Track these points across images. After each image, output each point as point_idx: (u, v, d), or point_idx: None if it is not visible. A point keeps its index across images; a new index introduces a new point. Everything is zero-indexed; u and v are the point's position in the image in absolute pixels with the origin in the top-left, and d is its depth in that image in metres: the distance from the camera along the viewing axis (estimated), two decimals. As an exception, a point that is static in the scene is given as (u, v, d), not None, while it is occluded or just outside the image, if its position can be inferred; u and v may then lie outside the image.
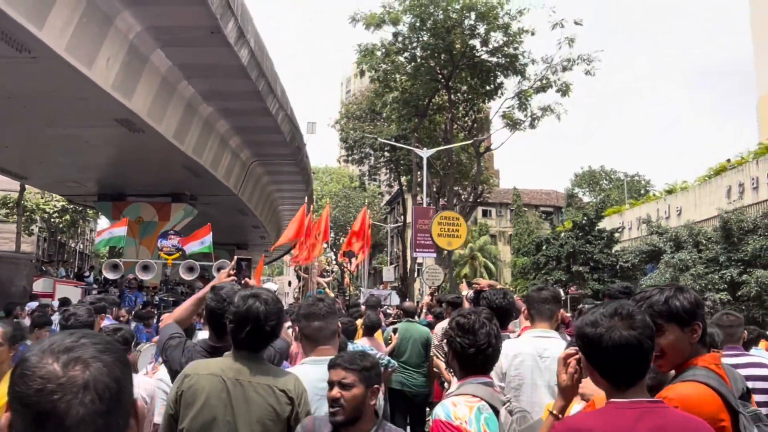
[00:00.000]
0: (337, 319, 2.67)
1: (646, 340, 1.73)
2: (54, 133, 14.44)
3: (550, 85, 23.57)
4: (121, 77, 12.20)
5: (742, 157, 23.89)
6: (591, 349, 1.76)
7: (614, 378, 1.74)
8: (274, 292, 2.56)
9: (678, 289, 2.02)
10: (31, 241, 39.27)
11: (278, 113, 18.06)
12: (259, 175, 24.76)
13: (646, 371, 1.76)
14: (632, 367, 1.73)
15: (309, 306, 2.64)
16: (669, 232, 21.83)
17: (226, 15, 12.03)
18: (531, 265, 29.53)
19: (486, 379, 2.28)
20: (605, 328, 1.72)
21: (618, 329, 1.72)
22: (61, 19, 9.95)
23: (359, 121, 32.33)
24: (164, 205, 21.68)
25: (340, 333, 2.70)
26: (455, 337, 2.32)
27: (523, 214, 48.90)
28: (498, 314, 3.18)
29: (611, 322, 1.73)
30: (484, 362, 2.30)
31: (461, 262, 43.30)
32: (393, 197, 49.62)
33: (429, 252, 16.32)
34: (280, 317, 2.38)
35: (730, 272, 18.15)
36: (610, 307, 1.78)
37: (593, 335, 1.74)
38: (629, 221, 30.64)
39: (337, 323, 2.66)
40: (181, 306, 2.94)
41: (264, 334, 2.32)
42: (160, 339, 2.72)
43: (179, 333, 2.69)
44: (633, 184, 52.53)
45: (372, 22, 22.03)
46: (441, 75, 24.00)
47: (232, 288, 2.63)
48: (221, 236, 31.88)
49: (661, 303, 1.99)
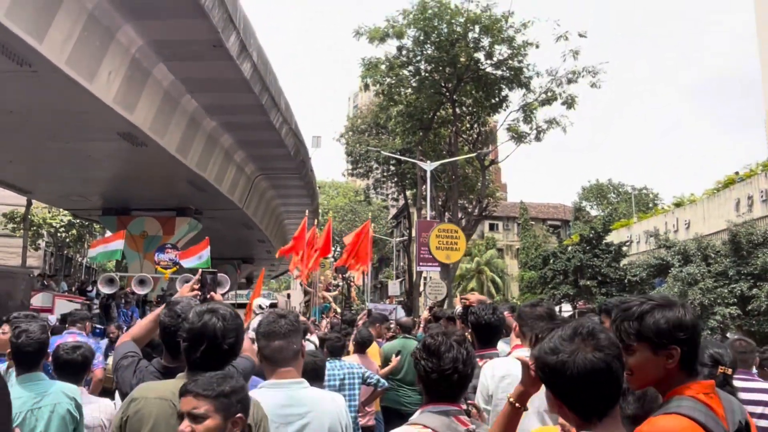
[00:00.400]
0: (300, 337, 2.45)
1: (613, 360, 1.54)
2: (57, 147, 14.46)
3: (555, 98, 23.47)
4: (123, 91, 12.19)
5: (751, 170, 23.61)
6: (555, 379, 1.57)
7: (584, 410, 1.55)
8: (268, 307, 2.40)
9: (662, 305, 1.76)
10: (38, 256, 39.37)
11: (282, 127, 18.04)
12: (264, 189, 24.75)
13: (617, 398, 1.58)
14: (602, 395, 1.54)
15: (269, 323, 2.40)
16: (677, 245, 21.54)
17: (227, 29, 12.03)
18: (538, 279, 29.24)
19: (447, 408, 2.09)
20: (567, 354, 1.53)
21: (581, 353, 1.53)
22: (62, 32, 9.96)
23: (364, 134, 32.34)
24: (169, 219, 21.65)
25: (304, 353, 2.46)
26: (420, 360, 2.16)
27: (531, 227, 48.61)
28: (486, 331, 3.03)
29: (572, 346, 1.55)
30: (448, 389, 2.12)
31: (468, 276, 43.01)
32: (399, 211, 49.52)
33: (433, 266, 16.14)
34: (239, 334, 2.19)
35: (740, 286, 17.82)
36: (569, 329, 1.60)
37: (555, 364, 1.56)
38: (637, 235, 30.34)
39: (300, 342, 2.44)
40: (139, 323, 2.74)
41: (221, 353, 2.12)
42: (114, 359, 2.53)
43: (134, 352, 2.50)
44: (641, 197, 52.20)
45: (376, 36, 22.05)
46: (445, 88, 23.95)
47: (188, 303, 2.41)
48: (227, 250, 31.94)
49: (633, 318, 1.75)
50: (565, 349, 1.54)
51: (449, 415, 2.07)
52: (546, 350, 1.59)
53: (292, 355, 2.39)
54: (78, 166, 16.38)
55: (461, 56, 22.62)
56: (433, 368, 2.11)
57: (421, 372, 2.15)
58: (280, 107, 17.12)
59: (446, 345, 2.13)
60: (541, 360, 1.61)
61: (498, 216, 47.13)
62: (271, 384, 2.35)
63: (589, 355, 1.51)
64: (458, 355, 2.12)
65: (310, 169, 25.73)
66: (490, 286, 42.54)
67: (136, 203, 20.94)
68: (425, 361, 2.14)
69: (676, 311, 1.73)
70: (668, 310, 1.74)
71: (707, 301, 17.79)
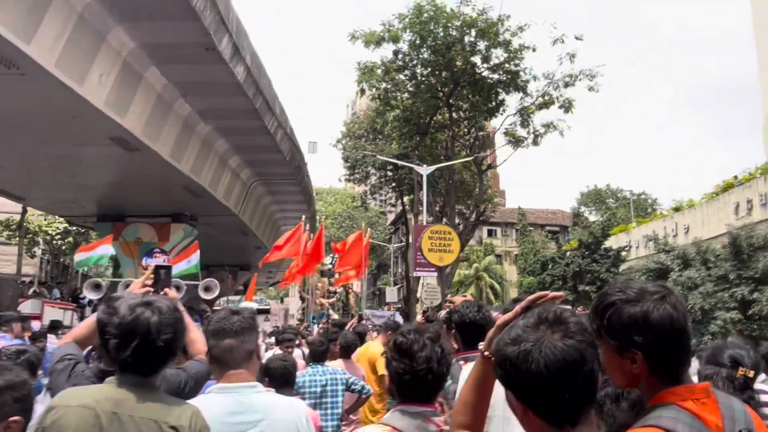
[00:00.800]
0: (255, 336, 2.17)
1: (587, 349, 1.28)
2: (48, 152, 14.27)
3: (553, 102, 23.35)
4: (115, 94, 12.02)
5: (750, 174, 23.53)
6: (517, 378, 1.29)
7: (553, 413, 1.28)
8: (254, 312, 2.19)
9: (629, 300, 1.47)
10: (34, 264, 39.14)
11: (277, 132, 17.88)
12: (260, 194, 24.57)
13: (593, 397, 1.32)
14: (574, 392, 1.26)
15: (219, 320, 2.13)
16: (677, 249, 21.41)
17: (220, 31, 11.88)
18: (537, 284, 29.09)
19: (420, 409, 1.93)
20: (531, 343, 1.27)
21: (548, 341, 1.27)
22: (51, 34, 9.79)
23: (361, 140, 32.21)
24: (164, 225, 21.46)
25: (259, 354, 2.20)
26: (392, 360, 1.99)
27: (529, 233, 48.49)
28: (471, 330, 2.81)
29: (537, 333, 1.29)
30: (423, 389, 1.95)
31: (467, 282, 42.83)
32: (397, 217, 49.38)
33: (429, 271, 15.93)
34: (177, 330, 1.92)
35: (741, 290, 17.67)
36: (533, 316, 1.35)
37: (517, 356, 1.28)
38: (636, 240, 30.23)
39: (255, 341, 2.16)
40: (83, 323, 2.50)
41: (155, 351, 1.87)
42: (51, 362, 2.30)
43: (72, 355, 2.27)
44: (639, 202, 52.11)
45: (371, 39, 21.94)
46: (442, 92, 23.83)
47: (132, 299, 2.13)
48: (224, 257, 31.72)
49: (596, 311, 1.50)
50: (529, 337, 1.29)
51: (423, 416, 1.92)
52: (506, 341, 1.33)
53: (244, 356, 2.12)
54: (70, 171, 16.18)
55: (457, 60, 22.51)
56: (405, 369, 1.94)
57: (393, 374, 1.99)
58: (274, 111, 16.97)
59: (419, 344, 1.96)
60: (501, 353, 1.33)
61: (496, 222, 47.01)
62: (219, 388, 2.08)
63: (558, 343, 1.26)
64: (432, 353, 1.96)
65: (307, 175, 25.57)
66: (489, 293, 42.36)
67: (131, 209, 20.73)
68: (397, 362, 1.97)
69: (643, 306, 1.45)
70: (634, 304, 1.46)
71: (708, 306, 17.64)
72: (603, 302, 1.50)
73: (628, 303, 1.46)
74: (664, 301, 1.46)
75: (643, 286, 1.51)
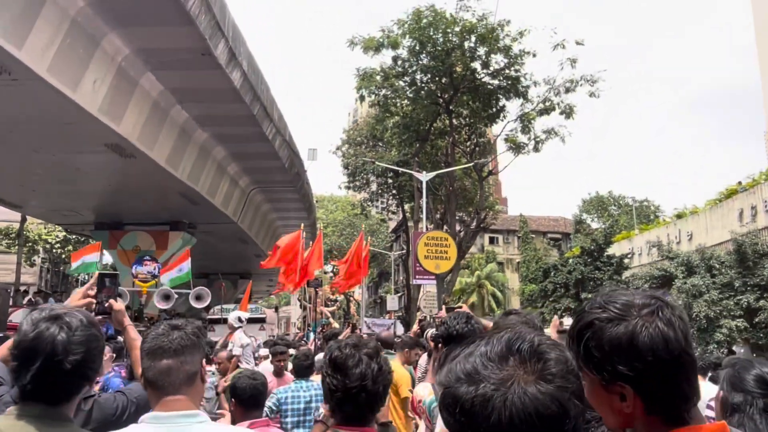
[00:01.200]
0: (199, 355, 1.82)
1: (570, 399, 0.89)
2: (43, 159, 14.13)
3: (554, 108, 23.17)
4: (109, 100, 11.88)
5: (754, 179, 23.29)
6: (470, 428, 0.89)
7: None
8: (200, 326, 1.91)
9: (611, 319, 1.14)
10: (34, 272, 38.99)
11: (275, 138, 17.73)
12: (260, 202, 24.41)
13: None
14: None
15: (156, 337, 1.78)
16: (680, 256, 21.14)
17: (215, 36, 11.75)
18: (539, 292, 28.81)
19: None
20: (494, 386, 0.88)
21: (518, 384, 0.88)
22: (42, 39, 9.65)
23: (361, 147, 32.06)
24: (162, 233, 21.28)
25: (204, 377, 1.83)
26: (325, 376, 1.84)
27: (531, 240, 48.21)
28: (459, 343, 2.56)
29: (503, 371, 0.90)
30: (356, 410, 1.79)
31: (468, 290, 42.53)
32: (398, 225, 49.17)
33: (429, 279, 15.69)
34: (90, 349, 1.64)
35: (746, 298, 17.38)
36: (499, 342, 0.94)
37: (472, 402, 0.89)
38: (639, 247, 29.96)
39: (199, 362, 1.81)
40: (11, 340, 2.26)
41: (63, 376, 1.58)
42: None
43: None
44: (642, 209, 51.84)
45: (370, 45, 21.80)
46: (442, 99, 23.68)
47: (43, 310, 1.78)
48: (224, 266, 31.50)
49: (572, 335, 1.17)
50: (491, 375, 0.90)
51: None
52: (458, 375, 0.93)
53: (184, 379, 1.76)
54: (66, 179, 16.04)
55: (457, 66, 22.37)
56: (338, 386, 1.79)
57: (326, 390, 1.84)
58: (272, 118, 16.82)
59: (354, 359, 1.81)
60: (450, 392, 0.92)
61: (498, 229, 46.75)
62: (152, 417, 1.74)
63: (530, 388, 0.87)
64: (367, 370, 1.81)
65: (306, 182, 25.41)
66: (491, 300, 42.06)
67: (129, 217, 20.58)
68: (330, 378, 1.83)
69: (628, 325, 1.12)
70: (617, 324, 1.13)
71: (713, 314, 17.34)
72: (579, 323, 1.18)
73: (610, 322, 1.13)
74: (656, 317, 1.13)
75: (629, 299, 1.17)
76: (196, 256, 24.11)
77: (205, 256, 26.20)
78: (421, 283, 16.40)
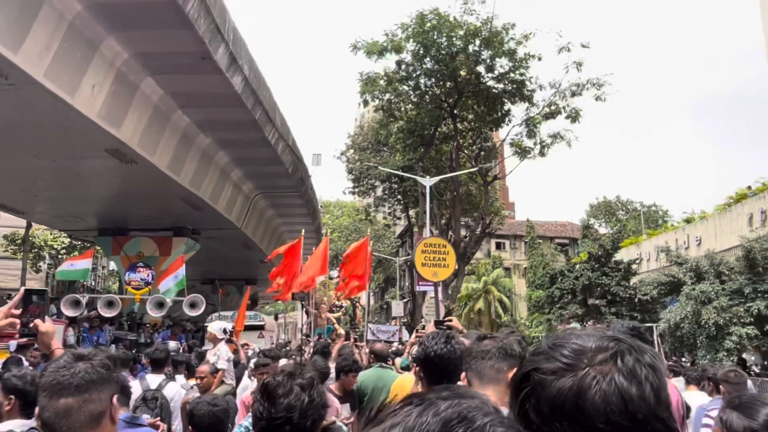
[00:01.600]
0: (108, 390, 1.58)
1: None
2: (44, 165, 14.04)
3: (559, 111, 22.95)
4: (108, 105, 11.77)
5: (764, 184, 22.99)
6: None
7: None
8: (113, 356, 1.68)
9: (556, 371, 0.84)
10: (39, 278, 39.00)
11: (278, 143, 17.59)
12: (264, 208, 24.28)
13: None
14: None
15: (55, 370, 1.55)
16: (689, 262, 20.83)
17: (215, 40, 11.63)
18: (545, 298, 28.52)
19: None
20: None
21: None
22: (39, 43, 9.55)
23: (365, 152, 31.94)
24: (165, 239, 21.17)
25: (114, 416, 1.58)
26: (254, 402, 1.74)
27: (538, 246, 47.85)
28: (434, 366, 2.25)
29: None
30: None
31: (475, 296, 42.21)
32: (404, 230, 49.00)
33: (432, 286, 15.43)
34: None
35: (757, 305, 17.06)
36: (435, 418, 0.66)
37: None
38: (647, 252, 29.64)
39: (107, 399, 1.57)
40: None
41: None
42: None
43: None
44: (650, 214, 51.45)
45: (373, 50, 21.67)
46: (446, 103, 23.52)
47: None
48: (229, 272, 31.44)
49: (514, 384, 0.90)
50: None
51: None
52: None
53: (86, 421, 1.52)
54: (68, 184, 15.98)
55: (462, 70, 22.20)
56: (263, 414, 1.68)
57: (252, 416, 1.73)
58: (275, 123, 16.68)
59: (285, 388, 1.70)
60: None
61: (504, 234, 46.46)
62: None
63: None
64: (295, 402, 1.68)
65: (310, 188, 25.27)
66: (498, 306, 41.73)
67: (132, 223, 20.50)
68: (258, 404, 1.72)
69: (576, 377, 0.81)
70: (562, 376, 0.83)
71: (722, 321, 17.03)
72: (518, 374, 0.89)
73: (554, 374, 0.83)
74: (613, 367, 0.82)
75: (584, 342, 0.86)
76: (201, 262, 24.10)
77: (211, 262, 26.11)
78: (425, 289, 16.20)
